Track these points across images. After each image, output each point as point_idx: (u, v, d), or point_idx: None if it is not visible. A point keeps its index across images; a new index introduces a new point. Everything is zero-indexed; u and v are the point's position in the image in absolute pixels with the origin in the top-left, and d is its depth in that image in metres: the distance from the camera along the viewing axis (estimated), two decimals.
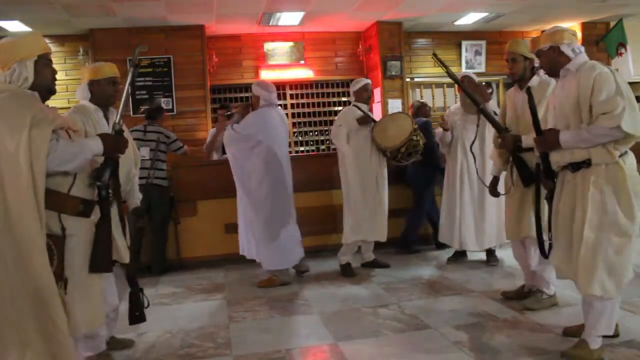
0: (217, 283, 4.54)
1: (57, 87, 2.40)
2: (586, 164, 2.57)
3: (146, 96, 7.36)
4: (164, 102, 7.32)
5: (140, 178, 4.90)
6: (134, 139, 5.02)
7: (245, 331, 3.33)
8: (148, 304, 2.99)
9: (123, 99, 2.47)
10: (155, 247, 5.00)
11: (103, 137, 2.34)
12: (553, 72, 2.81)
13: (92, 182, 2.35)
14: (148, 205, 4.94)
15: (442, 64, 3.43)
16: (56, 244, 2.03)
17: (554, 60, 2.74)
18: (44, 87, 2.24)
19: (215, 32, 7.75)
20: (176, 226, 5.17)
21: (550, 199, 2.79)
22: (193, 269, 5.08)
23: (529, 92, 2.80)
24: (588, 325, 2.62)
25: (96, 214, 2.39)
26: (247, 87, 5.04)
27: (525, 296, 3.49)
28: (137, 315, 2.94)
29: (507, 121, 3.52)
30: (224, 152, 5.88)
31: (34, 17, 6.47)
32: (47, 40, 2.17)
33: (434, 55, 3.58)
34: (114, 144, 2.36)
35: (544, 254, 2.87)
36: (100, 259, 2.14)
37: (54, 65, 2.38)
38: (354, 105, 4.66)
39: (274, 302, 3.89)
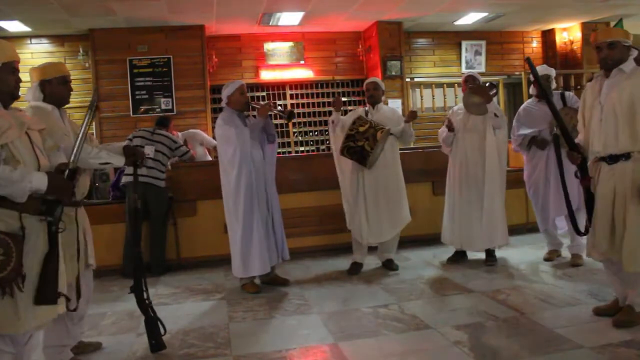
0: (217, 283, 4.54)
1: None
2: (624, 157, 2.86)
3: (146, 96, 7.37)
4: (164, 102, 7.35)
5: (142, 175, 4.94)
6: (139, 137, 5.08)
7: (245, 331, 3.33)
8: (165, 332, 3.00)
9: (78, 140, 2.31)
10: (155, 247, 4.99)
11: (51, 176, 2.17)
12: None
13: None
14: (145, 205, 4.93)
15: (532, 67, 3.47)
16: (15, 243, 2.03)
17: None
18: (6, 93, 2.25)
19: (215, 32, 7.76)
20: (174, 226, 5.15)
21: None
22: (193, 269, 5.08)
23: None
24: (632, 295, 2.98)
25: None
26: (247, 87, 5.02)
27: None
28: (153, 343, 2.97)
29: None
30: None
31: (34, 17, 6.48)
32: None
33: (527, 60, 3.51)
34: (59, 189, 2.19)
35: (577, 232, 3.31)
36: (47, 292, 2.12)
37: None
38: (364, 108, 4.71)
39: (274, 302, 3.88)
